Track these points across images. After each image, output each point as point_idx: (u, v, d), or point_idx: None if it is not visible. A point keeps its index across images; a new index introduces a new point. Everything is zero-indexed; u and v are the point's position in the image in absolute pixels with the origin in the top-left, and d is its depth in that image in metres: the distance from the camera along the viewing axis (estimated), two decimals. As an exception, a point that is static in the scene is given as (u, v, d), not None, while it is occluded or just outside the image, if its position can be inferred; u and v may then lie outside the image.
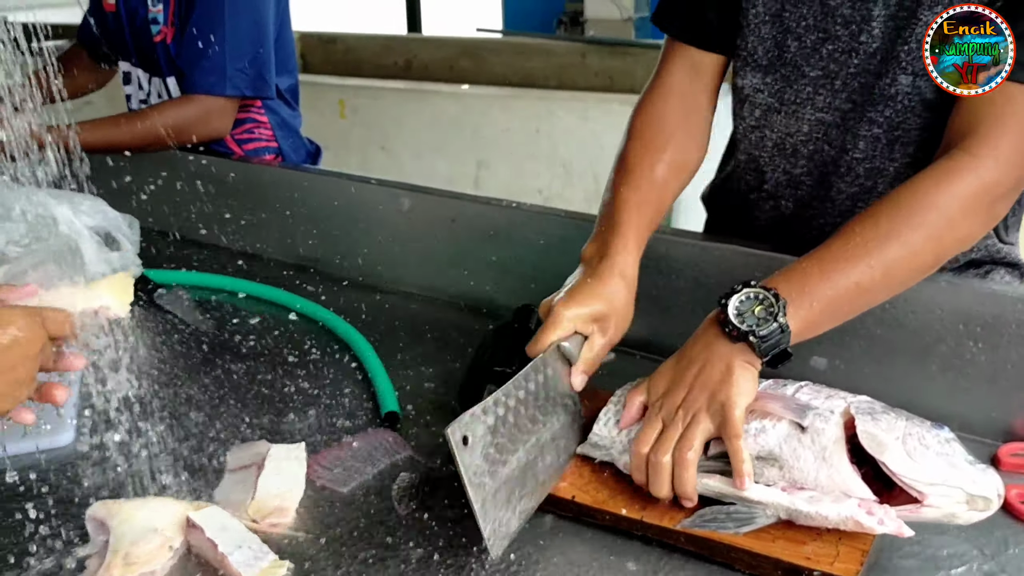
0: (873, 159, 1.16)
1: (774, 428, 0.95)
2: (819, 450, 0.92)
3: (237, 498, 1.03)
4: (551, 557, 0.94)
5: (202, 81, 1.78)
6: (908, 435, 0.91)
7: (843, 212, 1.22)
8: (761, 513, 0.91)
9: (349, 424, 1.20)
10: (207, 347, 1.41)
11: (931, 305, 1.14)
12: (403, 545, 0.96)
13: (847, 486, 0.90)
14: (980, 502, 0.87)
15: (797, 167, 1.23)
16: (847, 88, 1.14)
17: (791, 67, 1.17)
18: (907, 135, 1.13)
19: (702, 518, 0.93)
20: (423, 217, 1.59)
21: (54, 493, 1.06)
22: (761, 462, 0.93)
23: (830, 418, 0.94)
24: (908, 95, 1.10)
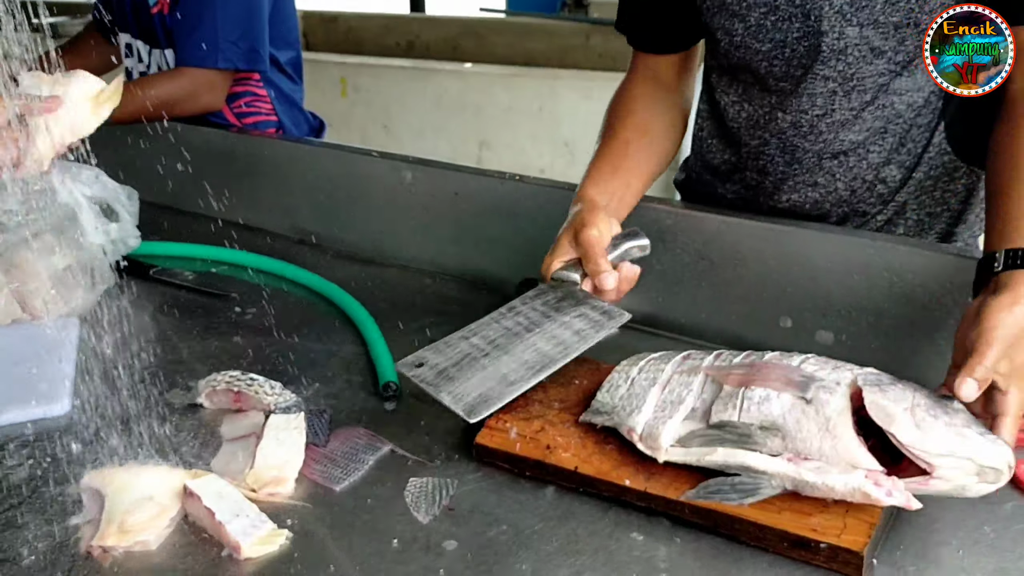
0: (832, 113, 1.22)
1: (778, 397, 0.93)
2: (823, 421, 0.90)
3: (235, 467, 1.02)
4: (555, 528, 0.92)
5: (193, 54, 1.76)
6: (917, 406, 0.89)
7: (810, 169, 1.28)
8: (766, 484, 0.90)
9: (347, 394, 1.19)
10: (205, 319, 1.40)
11: (940, 279, 1.13)
12: (406, 512, 0.95)
13: (852, 457, 0.88)
14: (991, 473, 0.85)
15: (758, 138, 1.29)
16: (796, 53, 1.19)
17: (743, 48, 1.22)
18: (861, 83, 1.18)
19: (706, 489, 0.91)
20: (425, 191, 1.57)
21: (48, 461, 1.05)
22: (764, 432, 0.92)
23: (836, 389, 0.92)
24: (857, 46, 1.15)
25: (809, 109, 1.23)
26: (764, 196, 1.34)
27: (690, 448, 0.94)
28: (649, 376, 1.03)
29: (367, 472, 1.02)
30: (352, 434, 1.08)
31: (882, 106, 1.20)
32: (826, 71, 1.18)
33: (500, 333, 1.08)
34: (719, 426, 0.94)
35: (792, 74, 1.21)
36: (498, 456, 1.02)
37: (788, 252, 1.23)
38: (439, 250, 1.56)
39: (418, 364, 1.04)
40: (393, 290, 1.51)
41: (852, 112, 1.21)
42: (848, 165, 1.26)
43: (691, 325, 1.31)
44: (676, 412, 0.97)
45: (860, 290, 1.18)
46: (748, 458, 0.91)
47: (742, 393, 0.95)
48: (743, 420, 0.93)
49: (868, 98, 1.20)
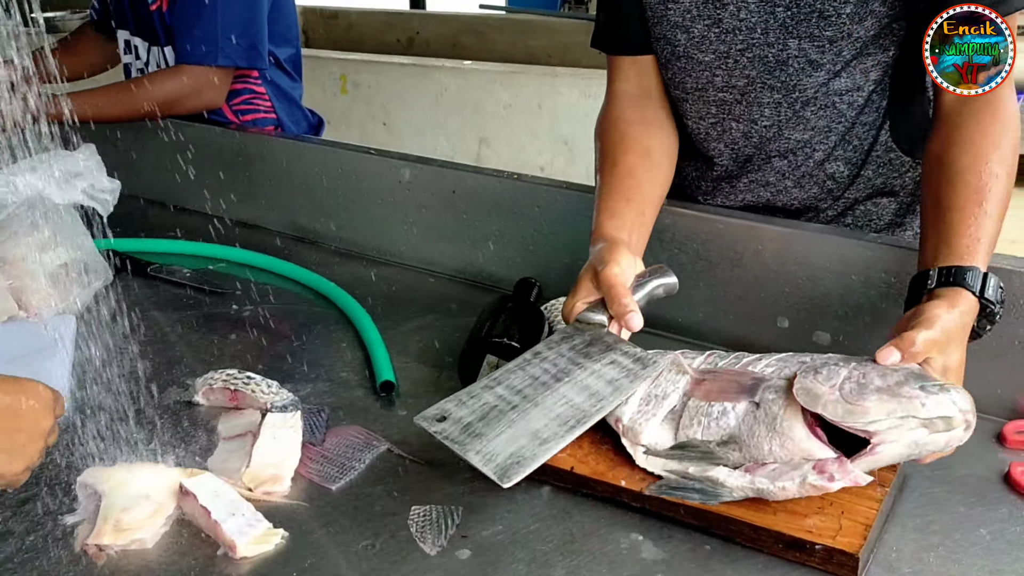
0: (778, 118, 1.23)
1: (734, 409, 0.93)
2: (770, 421, 0.90)
3: (231, 466, 1.02)
4: (551, 528, 0.92)
5: (193, 51, 1.75)
6: (847, 379, 0.88)
7: (760, 168, 1.29)
8: (727, 494, 0.89)
9: (344, 393, 1.19)
10: (203, 316, 1.40)
11: (937, 280, 1.12)
12: (402, 511, 0.95)
13: (806, 451, 0.88)
14: (940, 423, 0.83)
15: (711, 150, 1.30)
16: (739, 65, 1.20)
17: (685, 58, 1.23)
18: (803, 93, 1.20)
19: (668, 485, 0.92)
20: (423, 189, 1.57)
21: (44, 459, 1.04)
22: (723, 447, 0.92)
23: (780, 385, 0.92)
24: (797, 58, 1.17)
25: (758, 119, 1.24)
26: (721, 197, 1.35)
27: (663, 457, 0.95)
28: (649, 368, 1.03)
29: (364, 471, 1.02)
30: (349, 433, 1.08)
31: (824, 106, 1.22)
32: (771, 81, 1.20)
33: (527, 383, 0.99)
34: (682, 446, 0.94)
35: (734, 84, 1.22)
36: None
37: (786, 253, 1.23)
38: (437, 248, 1.56)
39: (440, 418, 0.95)
40: (391, 288, 1.51)
41: (796, 114, 1.22)
42: (796, 164, 1.27)
43: (688, 325, 1.31)
44: (660, 408, 0.98)
45: (858, 291, 1.18)
46: (716, 473, 0.91)
47: (705, 409, 0.95)
48: (704, 438, 0.93)
49: (809, 98, 1.21)
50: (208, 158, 1.75)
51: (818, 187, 1.30)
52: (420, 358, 1.27)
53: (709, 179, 1.35)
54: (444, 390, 1.17)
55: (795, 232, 1.24)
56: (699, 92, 1.25)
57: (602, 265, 1.05)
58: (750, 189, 1.32)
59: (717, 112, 1.26)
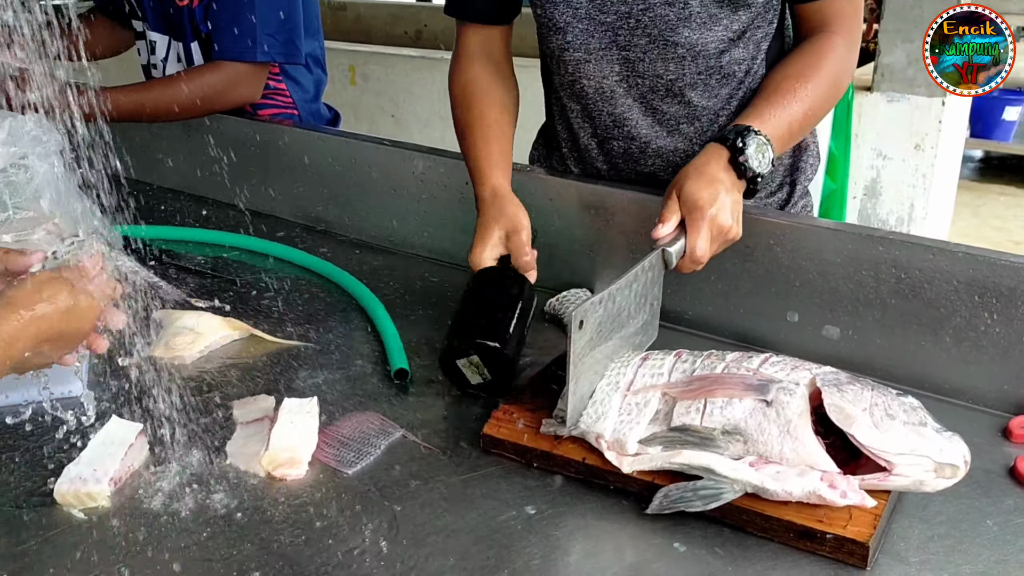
0: (684, 77, 1.31)
1: (740, 402, 0.94)
2: (784, 423, 0.92)
3: (250, 450, 1.04)
4: (564, 514, 0.94)
5: (232, 47, 1.76)
6: (875, 405, 0.91)
7: (671, 132, 1.36)
8: (728, 488, 0.91)
9: (358, 380, 1.21)
10: (219, 302, 1.41)
11: (947, 276, 1.14)
12: (416, 495, 0.96)
13: (812, 459, 0.90)
14: (948, 470, 0.87)
15: (619, 106, 1.36)
16: (641, 24, 1.28)
17: (587, 20, 1.30)
18: (706, 48, 1.28)
19: (668, 498, 0.92)
20: (435, 180, 1.58)
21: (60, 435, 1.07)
22: (727, 436, 0.93)
23: (795, 391, 0.94)
24: (699, 14, 1.25)
25: (664, 73, 1.31)
26: (631, 163, 1.41)
27: (654, 453, 0.95)
28: (611, 381, 1.04)
29: (379, 457, 1.04)
30: (365, 419, 1.10)
31: (727, 75, 1.32)
32: (674, 37, 1.27)
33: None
34: (681, 429, 0.95)
35: (636, 43, 1.29)
36: (506, 446, 1.04)
37: (797, 247, 1.24)
38: (449, 238, 1.57)
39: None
40: (403, 277, 1.53)
41: (701, 77, 1.31)
42: (702, 130, 1.35)
43: (698, 319, 1.33)
44: (642, 415, 0.99)
45: (867, 286, 1.19)
46: (712, 461, 0.92)
47: (704, 400, 0.96)
48: (706, 425, 0.94)
49: (712, 63, 1.30)
50: (223, 147, 1.76)
51: None
52: (433, 347, 1.29)
53: (620, 139, 1.40)
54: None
55: (807, 227, 1.25)
56: (603, 51, 1.32)
57: (515, 231, 1.23)
58: (660, 154, 1.38)
59: (621, 70, 1.33)
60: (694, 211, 1.09)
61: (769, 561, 0.88)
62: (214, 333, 1.29)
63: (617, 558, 0.88)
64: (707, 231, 1.09)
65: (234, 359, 1.27)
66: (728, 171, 1.13)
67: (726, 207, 1.10)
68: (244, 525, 0.93)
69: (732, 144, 1.12)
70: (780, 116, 1.17)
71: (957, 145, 3.76)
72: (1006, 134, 5.78)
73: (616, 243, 1.38)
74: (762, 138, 1.13)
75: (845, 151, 3.02)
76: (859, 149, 3.19)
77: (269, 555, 0.89)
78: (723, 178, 1.11)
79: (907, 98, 3.08)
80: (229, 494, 0.98)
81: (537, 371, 1.17)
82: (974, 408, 1.14)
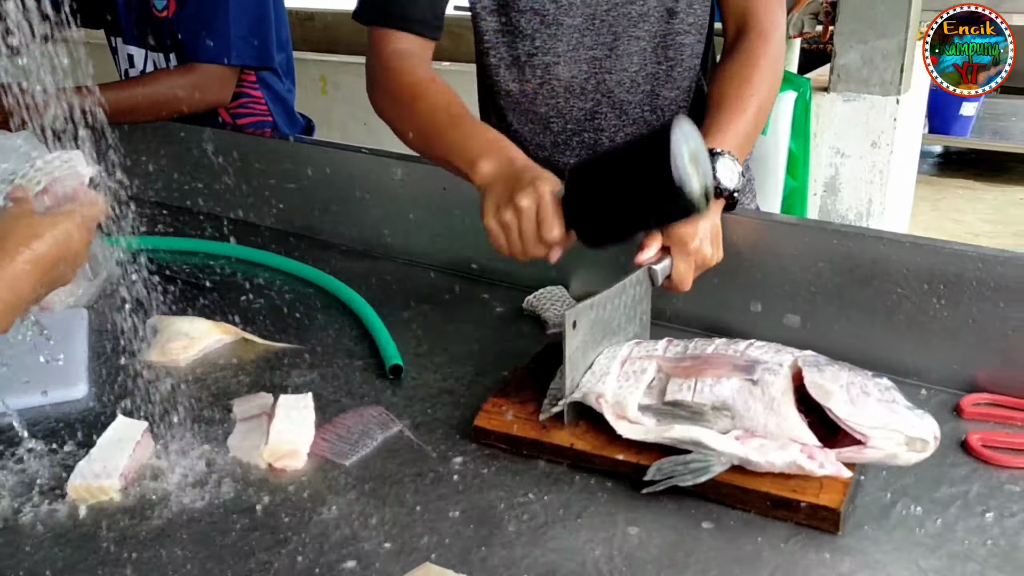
0: (645, 66, 1.44)
1: (728, 380, 1.02)
2: (768, 401, 0.99)
3: (250, 443, 1.10)
4: (550, 496, 1.01)
5: (205, 50, 1.81)
6: (851, 384, 0.98)
7: (636, 123, 1.48)
8: (716, 461, 0.98)
9: (349, 378, 1.27)
10: (211, 307, 1.47)
11: (897, 265, 1.22)
12: (417, 476, 1.03)
13: (794, 432, 0.98)
14: (919, 444, 0.95)
15: (589, 101, 1.46)
16: (605, 24, 1.39)
17: (555, 25, 1.39)
18: (664, 40, 1.42)
19: (661, 471, 0.99)
20: (415, 186, 1.64)
21: (68, 436, 1.12)
22: (715, 412, 1.01)
23: (779, 371, 1.01)
24: (656, 8, 1.39)
25: (629, 67, 1.42)
26: (611, 133, 1.49)
27: (648, 424, 1.03)
28: (609, 355, 1.12)
29: (375, 449, 1.10)
30: (366, 412, 1.17)
31: (688, 68, 1.45)
32: (636, 32, 1.40)
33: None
34: (673, 404, 1.03)
35: (603, 41, 1.40)
36: (496, 437, 1.10)
37: (758, 242, 1.32)
38: (430, 243, 1.64)
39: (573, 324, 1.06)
40: (385, 281, 1.59)
41: (663, 69, 1.44)
42: (663, 118, 1.47)
43: (669, 310, 1.40)
44: (640, 381, 1.07)
45: (824, 276, 1.28)
46: (701, 435, 0.99)
47: (695, 379, 1.04)
48: (696, 400, 1.02)
49: (672, 54, 1.43)
50: (204, 159, 1.82)
51: None
52: (418, 346, 1.35)
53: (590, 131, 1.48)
54: (445, 374, 1.27)
55: (767, 224, 1.33)
56: (571, 53, 1.41)
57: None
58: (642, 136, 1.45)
59: (589, 68, 1.42)
60: (679, 245, 1.16)
61: (745, 529, 0.95)
62: (207, 337, 1.35)
63: (602, 535, 0.95)
64: (691, 262, 1.17)
65: (227, 361, 1.33)
66: None
67: (707, 238, 1.18)
68: (249, 512, 0.99)
69: None
70: (737, 127, 1.25)
71: (914, 141, 3.88)
72: (963, 129, 5.94)
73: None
74: (728, 159, 1.19)
75: (804, 150, 3.12)
76: (818, 148, 3.30)
77: (274, 538, 0.95)
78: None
79: (862, 97, 3.18)
80: (233, 485, 1.04)
81: (520, 366, 1.24)
82: (927, 387, 1.22)
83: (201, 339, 1.34)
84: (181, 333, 1.34)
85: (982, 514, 0.97)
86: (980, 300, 1.18)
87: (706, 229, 1.18)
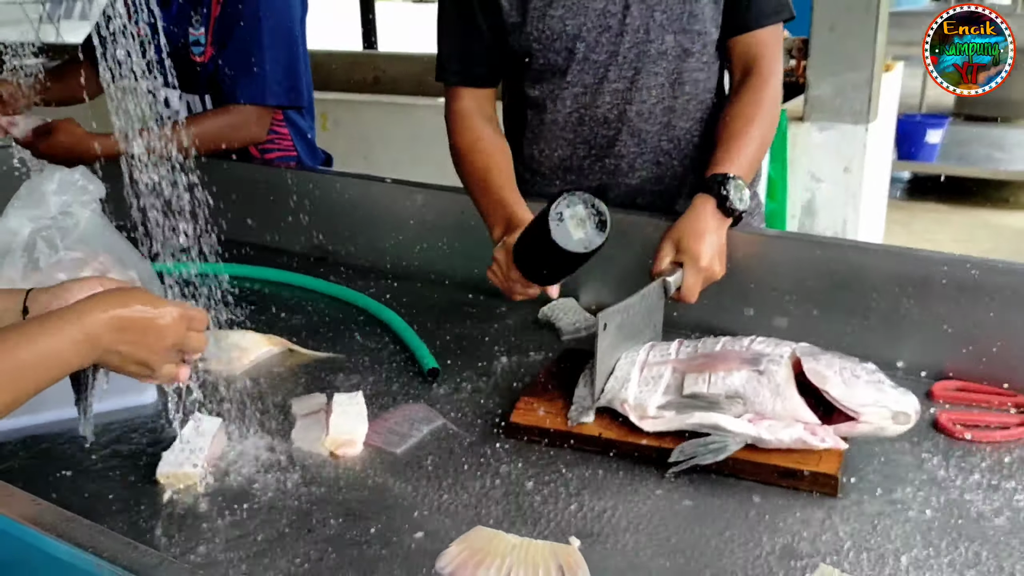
0: (663, 100, 1.61)
1: (738, 372, 1.18)
2: (774, 387, 1.16)
3: (312, 436, 1.25)
4: (579, 474, 1.17)
5: (244, 92, 1.98)
6: (843, 368, 1.15)
7: (653, 150, 1.64)
8: (732, 441, 1.13)
9: (390, 381, 1.42)
10: (255, 325, 1.61)
11: (872, 270, 1.40)
12: (458, 462, 1.18)
13: (798, 413, 1.14)
14: (902, 417, 1.12)
15: (611, 129, 1.63)
16: (627, 60, 1.56)
17: (584, 61, 1.57)
18: (680, 76, 1.59)
19: (683, 453, 1.14)
20: (435, 211, 1.81)
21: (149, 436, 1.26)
22: (729, 400, 1.17)
23: (781, 361, 1.18)
24: (673, 48, 1.56)
25: (647, 99, 1.59)
26: (621, 176, 1.67)
27: (670, 415, 1.18)
28: (629, 360, 1.28)
29: (421, 439, 1.25)
30: (411, 409, 1.32)
31: (701, 101, 1.63)
32: (655, 68, 1.57)
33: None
34: (692, 396, 1.19)
35: (624, 75, 1.57)
36: (530, 431, 1.25)
37: (749, 253, 1.49)
38: (449, 263, 1.79)
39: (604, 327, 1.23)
40: (410, 298, 1.73)
41: (679, 103, 1.61)
42: (680, 147, 1.65)
43: (672, 317, 1.55)
44: (658, 386, 1.22)
45: (808, 282, 1.45)
46: (719, 419, 1.15)
47: (708, 373, 1.20)
48: (711, 392, 1.18)
49: (688, 89, 1.60)
50: (231, 189, 1.96)
51: (698, 168, 1.59)
52: (447, 353, 1.50)
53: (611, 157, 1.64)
54: (474, 377, 1.42)
55: (758, 237, 1.51)
56: (597, 86, 1.59)
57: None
58: (644, 167, 1.65)
59: (612, 100, 1.60)
60: (691, 263, 1.37)
61: (758, 496, 1.11)
62: (258, 348, 1.50)
63: (632, 501, 1.11)
64: (701, 278, 1.37)
65: (278, 369, 1.48)
66: (716, 216, 1.40)
67: (716, 257, 1.38)
68: (317, 489, 1.14)
69: (717, 193, 1.40)
70: (744, 156, 1.45)
71: (884, 167, 4.10)
72: (930, 155, 6.19)
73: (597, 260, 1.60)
74: (739, 181, 1.40)
75: (783, 175, 3.32)
76: (795, 173, 3.50)
77: (341, 509, 1.10)
78: (713, 227, 1.39)
79: (835, 126, 3.40)
80: (302, 469, 1.19)
81: (545, 368, 1.39)
82: (902, 377, 1.38)
83: (253, 350, 1.49)
84: (235, 345, 1.49)
85: (952, 477, 1.14)
86: (946, 299, 1.35)
87: (715, 247, 1.37)
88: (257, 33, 1.95)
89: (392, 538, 1.05)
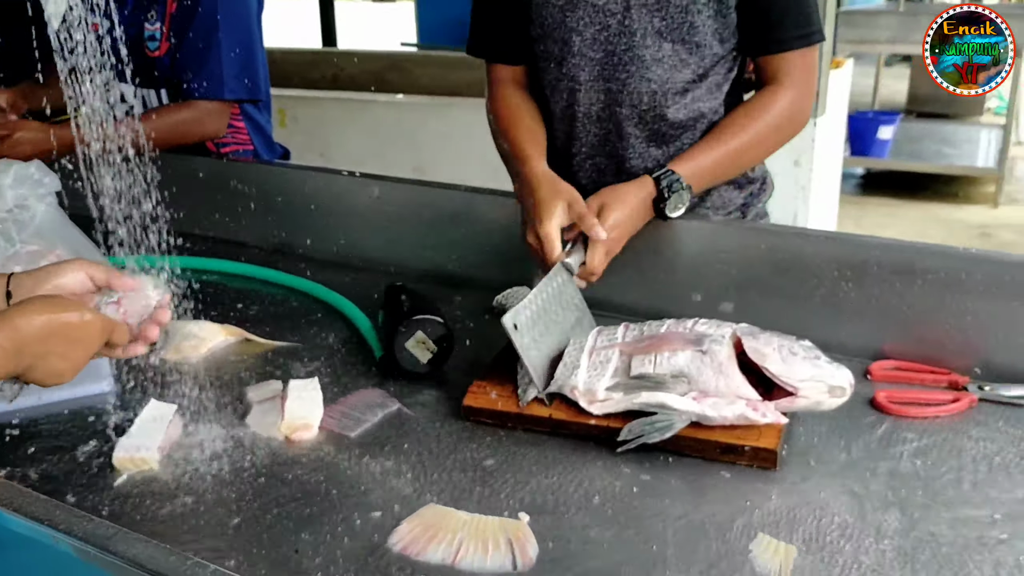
0: (654, 107, 1.58)
1: (683, 353, 1.22)
2: (716, 366, 1.20)
3: (268, 421, 1.27)
4: (534, 455, 1.20)
5: (200, 87, 1.99)
6: (781, 346, 1.20)
7: (640, 155, 1.63)
8: (677, 419, 1.18)
9: (345, 368, 1.44)
10: (214, 314, 1.63)
11: (811, 256, 1.45)
12: (413, 445, 1.21)
13: (740, 390, 1.18)
14: (838, 391, 1.17)
15: (603, 128, 1.63)
16: (622, 62, 1.55)
17: (579, 56, 1.57)
18: (675, 86, 1.56)
19: (631, 433, 1.18)
20: (391, 203, 1.83)
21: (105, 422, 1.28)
22: (674, 379, 1.21)
23: (722, 341, 1.22)
24: (670, 56, 1.53)
25: (639, 104, 1.58)
26: (611, 176, 1.65)
27: (618, 398, 1.22)
28: (577, 346, 1.31)
29: (376, 423, 1.28)
30: (366, 394, 1.35)
31: (698, 116, 1.60)
32: (649, 75, 1.55)
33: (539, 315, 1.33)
34: (639, 377, 1.23)
35: (618, 76, 1.57)
36: (483, 414, 1.28)
37: (696, 240, 1.53)
38: (407, 254, 1.82)
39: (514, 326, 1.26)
40: (367, 290, 1.75)
41: (670, 109, 1.58)
42: (671, 155, 1.61)
43: (622, 304, 1.59)
44: (606, 371, 1.26)
45: (751, 268, 1.49)
46: (665, 398, 1.19)
47: (652, 356, 1.24)
48: (657, 372, 1.22)
49: (680, 99, 1.57)
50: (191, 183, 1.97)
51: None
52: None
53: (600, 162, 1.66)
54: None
55: (703, 224, 1.55)
56: (591, 83, 1.59)
57: (575, 200, 1.41)
58: (634, 171, 1.62)
59: (605, 98, 1.60)
60: (608, 234, 1.38)
61: (701, 472, 1.16)
62: (215, 338, 1.52)
63: (580, 476, 1.14)
64: (605, 254, 1.39)
65: (234, 358, 1.50)
66: (646, 205, 1.45)
67: (626, 239, 1.43)
68: (276, 474, 1.16)
69: (659, 189, 1.44)
70: (708, 160, 1.49)
71: (835, 161, 4.19)
72: (882, 151, 6.33)
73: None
74: (684, 192, 1.45)
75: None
76: (748, 167, 3.57)
77: (296, 490, 1.13)
78: (640, 211, 1.45)
79: (784, 120, 3.48)
80: (258, 454, 1.21)
81: (496, 353, 1.42)
82: (841, 357, 1.43)
83: (209, 339, 1.51)
84: (192, 334, 1.50)
85: (886, 451, 1.19)
86: (881, 283, 1.41)
87: (631, 230, 1.42)
88: (214, 28, 1.96)
89: (346, 517, 1.07)
